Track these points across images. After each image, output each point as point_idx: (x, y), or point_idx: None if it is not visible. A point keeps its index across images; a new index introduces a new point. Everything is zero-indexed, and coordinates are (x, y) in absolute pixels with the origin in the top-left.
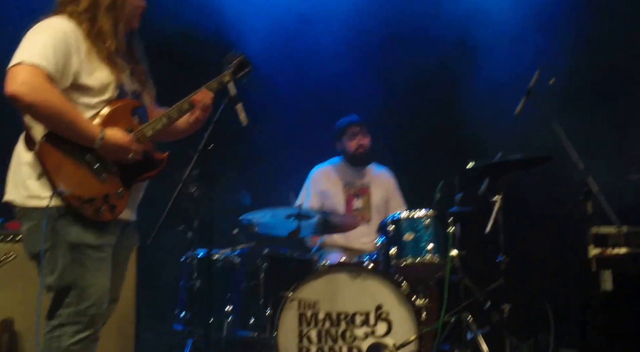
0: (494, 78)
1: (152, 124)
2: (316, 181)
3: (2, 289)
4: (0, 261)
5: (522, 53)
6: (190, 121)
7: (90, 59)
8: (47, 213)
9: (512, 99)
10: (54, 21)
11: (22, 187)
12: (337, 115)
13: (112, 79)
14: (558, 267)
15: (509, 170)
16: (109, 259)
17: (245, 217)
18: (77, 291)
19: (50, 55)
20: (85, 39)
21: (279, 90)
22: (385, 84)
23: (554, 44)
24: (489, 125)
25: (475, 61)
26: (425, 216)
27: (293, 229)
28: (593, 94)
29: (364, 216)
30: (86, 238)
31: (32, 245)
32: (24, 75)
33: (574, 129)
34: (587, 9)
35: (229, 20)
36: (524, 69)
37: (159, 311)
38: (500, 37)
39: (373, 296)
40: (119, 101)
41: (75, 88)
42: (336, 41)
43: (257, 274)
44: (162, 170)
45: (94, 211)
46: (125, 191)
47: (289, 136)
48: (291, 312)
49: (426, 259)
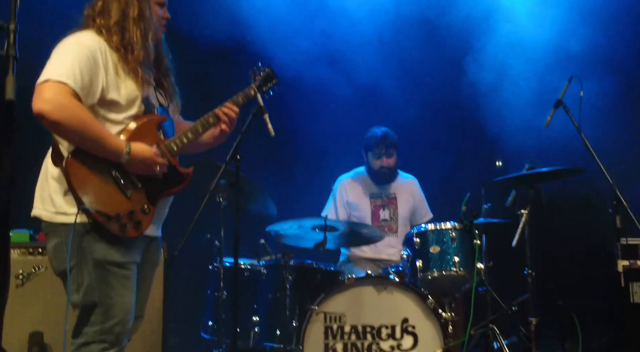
0: (523, 89)
1: (178, 138)
2: (342, 192)
3: (31, 302)
4: (30, 274)
5: (552, 63)
6: (216, 135)
7: (117, 72)
8: (73, 230)
9: (542, 110)
10: (82, 37)
11: (49, 203)
12: (367, 125)
13: (138, 93)
14: (586, 280)
15: (537, 181)
16: (133, 277)
17: (272, 228)
18: (102, 309)
19: (77, 73)
20: (113, 52)
21: (308, 99)
22: (415, 95)
23: (587, 53)
24: (517, 137)
25: (504, 73)
26: (452, 228)
27: (319, 241)
28: (624, 105)
29: (390, 226)
30: (111, 256)
31: (58, 262)
32: (51, 92)
33: (603, 140)
34: (619, 17)
35: (257, 33)
36: (555, 79)
37: (186, 318)
38: (531, 50)
39: (399, 309)
40: (145, 116)
41: (103, 104)
42: (367, 51)
43: (284, 286)
44: (188, 184)
45: (119, 227)
46: (150, 207)
47: (317, 146)
48: (317, 325)
49: (452, 272)
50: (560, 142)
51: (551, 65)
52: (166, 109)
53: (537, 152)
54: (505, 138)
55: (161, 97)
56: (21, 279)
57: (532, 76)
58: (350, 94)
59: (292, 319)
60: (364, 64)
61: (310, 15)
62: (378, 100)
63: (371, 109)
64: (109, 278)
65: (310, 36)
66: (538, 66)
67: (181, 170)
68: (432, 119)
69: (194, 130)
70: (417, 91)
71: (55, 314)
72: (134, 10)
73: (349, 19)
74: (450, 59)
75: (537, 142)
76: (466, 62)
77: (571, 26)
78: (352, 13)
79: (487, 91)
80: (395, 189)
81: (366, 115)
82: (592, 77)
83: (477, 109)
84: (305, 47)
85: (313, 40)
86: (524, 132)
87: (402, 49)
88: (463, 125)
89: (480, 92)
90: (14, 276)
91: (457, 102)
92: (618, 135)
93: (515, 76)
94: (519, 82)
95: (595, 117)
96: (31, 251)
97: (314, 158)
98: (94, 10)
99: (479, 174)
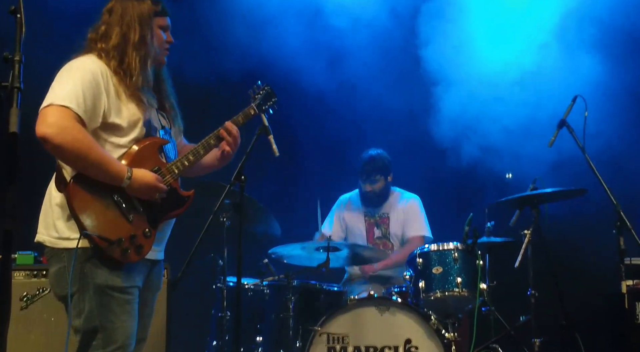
0: (526, 109)
1: (179, 161)
2: (340, 209)
3: (35, 324)
4: (34, 296)
5: (556, 84)
6: (218, 156)
7: (118, 96)
8: (75, 255)
9: (547, 130)
10: (84, 61)
11: (52, 228)
12: (370, 145)
13: (140, 116)
14: (590, 300)
15: (541, 202)
16: (135, 301)
17: (275, 251)
18: (104, 334)
19: (79, 97)
20: (114, 75)
21: (310, 121)
22: (415, 116)
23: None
24: (521, 157)
25: (507, 91)
26: (454, 248)
27: (322, 261)
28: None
29: (385, 244)
30: (113, 281)
31: (59, 288)
32: (53, 117)
33: (606, 160)
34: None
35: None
36: (559, 99)
37: (191, 338)
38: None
39: (402, 329)
40: (147, 139)
41: (105, 127)
42: (367, 73)
43: (287, 306)
44: (189, 207)
45: (121, 252)
46: (152, 230)
47: (318, 167)
48: (320, 346)
49: (455, 293)
50: (565, 162)
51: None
52: (168, 132)
53: (542, 172)
54: (510, 157)
55: (163, 119)
56: (25, 301)
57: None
58: (354, 114)
59: (296, 339)
60: (362, 83)
61: (319, 45)
62: (382, 119)
63: (375, 129)
64: (110, 303)
65: (316, 55)
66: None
67: (182, 193)
68: (436, 140)
69: (195, 153)
70: (422, 110)
71: (59, 336)
72: (135, 35)
73: (356, 39)
74: (453, 77)
75: (543, 162)
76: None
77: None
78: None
79: (491, 111)
80: (389, 208)
81: (371, 135)
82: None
83: (483, 129)
84: (312, 66)
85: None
86: (529, 151)
87: (405, 67)
88: (468, 146)
89: (484, 111)
90: (19, 298)
91: (461, 121)
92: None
93: (520, 94)
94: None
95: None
96: (35, 273)
97: (318, 178)
98: (97, 34)
99: (483, 197)
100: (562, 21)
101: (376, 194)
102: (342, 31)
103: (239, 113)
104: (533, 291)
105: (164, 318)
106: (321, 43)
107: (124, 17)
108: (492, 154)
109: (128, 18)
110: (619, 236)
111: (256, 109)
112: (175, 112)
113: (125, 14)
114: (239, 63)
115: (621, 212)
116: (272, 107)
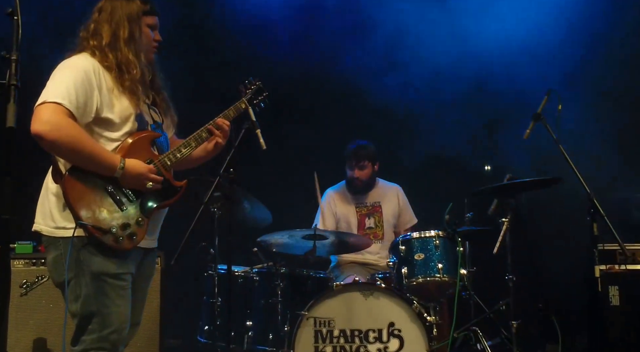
0: (504, 101)
1: (171, 153)
2: (330, 203)
3: (34, 310)
4: (33, 283)
5: (531, 77)
6: (209, 149)
7: (112, 91)
8: (71, 243)
9: (523, 122)
10: (76, 60)
11: (49, 218)
12: (356, 136)
13: (132, 111)
14: (565, 284)
15: (518, 191)
16: (129, 287)
17: (264, 238)
18: (99, 318)
19: (72, 94)
20: (107, 72)
21: (296, 114)
22: (397, 104)
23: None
24: (499, 147)
25: (485, 84)
26: (436, 236)
27: (309, 249)
28: (599, 116)
29: (376, 234)
30: (107, 268)
31: (57, 274)
32: (47, 114)
33: (580, 151)
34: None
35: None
36: (534, 92)
37: (183, 323)
38: (512, 62)
39: (385, 313)
40: (140, 133)
41: (98, 122)
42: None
43: (275, 292)
44: (181, 197)
45: (114, 240)
46: (144, 220)
47: (305, 159)
48: (307, 329)
49: (436, 278)
50: (541, 153)
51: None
52: (160, 126)
53: (519, 162)
54: (489, 148)
55: (155, 114)
56: (25, 288)
57: (512, 88)
58: (340, 106)
59: (284, 323)
60: (354, 75)
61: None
62: (366, 110)
63: (360, 120)
64: (106, 289)
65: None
66: (520, 77)
67: (175, 183)
68: (417, 130)
69: (187, 145)
70: (402, 100)
71: (58, 321)
72: (124, 31)
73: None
74: (434, 66)
75: (520, 153)
76: (449, 71)
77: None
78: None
79: (471, 103)
80: (379, 197)
81: (355, 127)
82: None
83: (464, 121)
84: (301, 57)
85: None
86: (507, 143)
87: (391, 58)
88: (448, 137)
89: (465, 104)
90: (18, 285)
91: (443, 113)
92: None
93: (499, 87)
94: (501, 93)
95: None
96: (34, 262)
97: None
98: (87, 32)
99: (463, 185)
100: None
101: (364, 182)
102: (334, 14)
103: (230, 107)
104: (511, 276)
105: (157, 304)
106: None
107: (113, 16)
108: (473, 145)
109: (117, 16)
110: (592, 223)
111: (247, 103)
112: (167, 105)
113: (115, 12)
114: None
115: (594, 200)
116: (263, 101)
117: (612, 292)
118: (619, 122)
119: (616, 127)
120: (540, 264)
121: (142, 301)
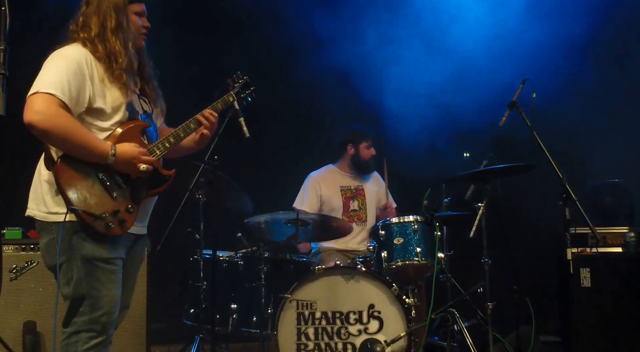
0: (482, 89)
1: (160, 142)
2: (315, 185)
3: (24, 294)
4: (23, 268)
5: (509, 67)
6: (197, 139)
7: (103, 81)
8: (63, 228)
9: (499, 110)
10: (68, 50)
11: (42, 203)
12: (337, 123)
13: (123, 100)
14: (539, 267)
15: (493, 177)
16: (119, 271)
17: (249, 220)
18: (90, 301)
19: (64, 84)
20: (98, 62)
21: (276, 105)
22: (377, 93)
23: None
24: (477, 135)
25: (464, 73)
26: (414, 221)
27: (291, 234)
28: (574, 104)
29: (360, 216)
30: (99, 252)
31: (50, 258)
32: (39, 104)
33: (555, 138)
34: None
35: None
36: (510, 81)
37: (170, 306)
38: (486, 52)
39: (366, 296)
40: (130, 122)
41: (90, 112)
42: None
43: (259, 276)
44: (170, 185)
45: (105, 226)
46: (134, 207)
47: (285, 147)
48: (290, 312)
49: (415, 261)
50: (516, 140)
51: (508, 66)
52: (150, 115)
53: (496, 149)
54: (467, 136)
55: (145, 104)
56: (15, 273)
57: (490, 77)
58: (322, 93)
59: (267, 306)
60: (336, 61)
61: None
62: (348, 98)
63: (340, 107)
64: (97, 273)
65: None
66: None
67: (164, 172)
68: (396, 118)
69: (175, 135)
70: (386, 88)
71: (47, 305)
72: (112, 21)
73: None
74: (416, 56)
75: (496, 139)
76: (432, 60)
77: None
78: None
79: (450, 91)
80: (362, 180)
81: (331, 116)
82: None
83: (442, 109)
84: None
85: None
86: (483, 130)
87: (374, 50)
88: (427, 124)
89: (443, 91)
90: (8, 270)
91: (422, 101)
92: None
93: (477, 76)
94: (481, 82)
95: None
96: (24, 247)
97: (286, 157)
98: (77, 25)
99: (441, 172)
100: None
101: (371, 161)
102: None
103: (217, 99)
104: (486, 259)
105: (144, 288)
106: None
107: (100, 7)
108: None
109: (104, 7)
110: (564, 207)
111: (235, 97)
112: (157, 94)
113: (102, 3)
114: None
115: (566, 185)
116: (251, 95)
117: (583, 274)
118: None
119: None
120: (515, 248)
121: (132, 285)
